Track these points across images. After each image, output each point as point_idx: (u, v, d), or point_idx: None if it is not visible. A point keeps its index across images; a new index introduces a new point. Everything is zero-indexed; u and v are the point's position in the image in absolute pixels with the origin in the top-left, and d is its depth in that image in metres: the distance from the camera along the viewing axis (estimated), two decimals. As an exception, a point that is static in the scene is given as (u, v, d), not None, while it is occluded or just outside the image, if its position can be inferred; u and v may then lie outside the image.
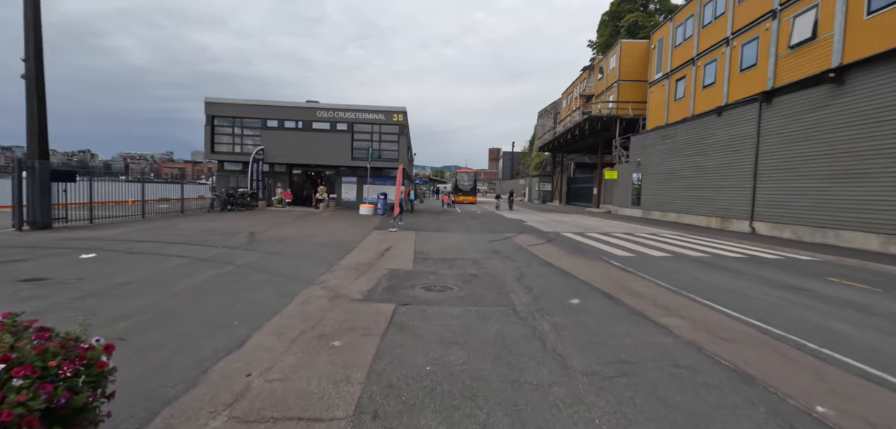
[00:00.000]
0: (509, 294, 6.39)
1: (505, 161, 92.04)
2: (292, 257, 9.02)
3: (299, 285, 6.56)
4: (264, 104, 25.22)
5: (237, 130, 25.69)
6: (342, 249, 10.43)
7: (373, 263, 8.74)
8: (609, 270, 8.62)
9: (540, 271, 8.26)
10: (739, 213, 17.06)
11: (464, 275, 7.73)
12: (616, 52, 31.60)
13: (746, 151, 16.72)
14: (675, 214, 21.35)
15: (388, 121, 25.41)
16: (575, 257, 10.19)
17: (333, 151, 25.38)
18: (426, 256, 9.72)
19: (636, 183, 25.31)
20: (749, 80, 16.71)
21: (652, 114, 24.97)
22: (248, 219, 17.33)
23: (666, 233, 16.46)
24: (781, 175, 15.12)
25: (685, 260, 10.17)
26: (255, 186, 24.39)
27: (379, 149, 25.81)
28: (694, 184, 19.91)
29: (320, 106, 25.39)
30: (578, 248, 11.90)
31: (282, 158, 25.47)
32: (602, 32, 57.53)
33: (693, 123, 20.19)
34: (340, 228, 15.31)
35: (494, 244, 12.24)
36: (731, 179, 17.55)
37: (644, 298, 6.40)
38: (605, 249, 11.76)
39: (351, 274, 7.55)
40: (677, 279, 7.87)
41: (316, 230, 14.17)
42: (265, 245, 10.56)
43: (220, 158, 25.83)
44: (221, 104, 25.09)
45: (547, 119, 65.64)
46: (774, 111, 15.42)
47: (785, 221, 14.87)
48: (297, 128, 25.34)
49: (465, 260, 9.38)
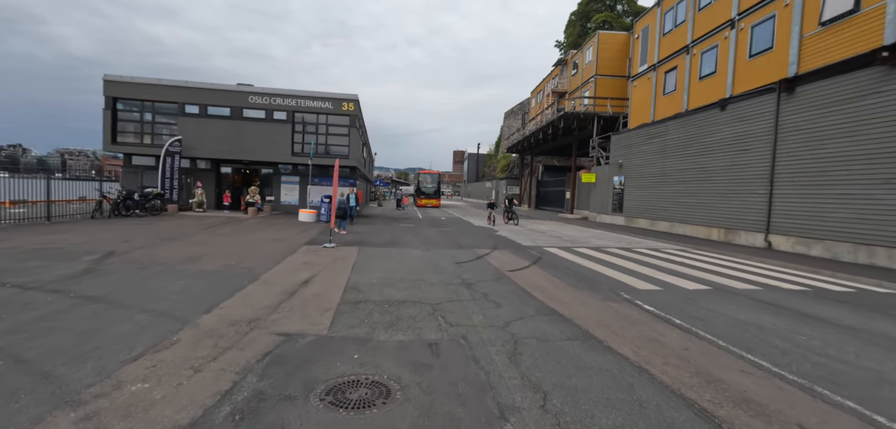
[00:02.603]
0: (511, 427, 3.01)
1: (470, 163, 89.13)
2: (118, 309, 5.21)
3: (33, 411, 2.85)
4: (182, 85, 20.59)
5: (147, 117, 20.88)
6: (233, 282, 6.67)
7: (261, 318, 5.09)
8: (653, 328, 5.47)
9: (547, 336, 4.96)
10: (750, 224, 14.53)
11: (415, 352, 4.29)
12: (593, 45, 29.24)
13: (760, 151, 14.21)
14: (666, 222, 18.83)
15: (336, 110, 21.48)
16: (584, 295, 6.99)
17: (270, 144, 21.13)
18: (360, 298, 6.19)
19: (618, 187, 22.81)
20: (762, 67, 14.23)
21: (635, 110, 22.57)
22: (137, 228, 12.98)
23: (668, 248, 13.74)
24: (808, 179, 12.55)
25: (736, 297, 7.22)
26: (169, 185, 19.74)
27: (325, 143, 21.83)
28: (691, 189, 17.38)
29: (254, 90, 21.08)
30: (579, 275, 8.74)
31: (205, 151, 20.91)
32: (570, 33, 56.07)
33: (687, 120, 17.75)
34: (258, 242, 11.41)
35: (464, 269, 8.86)
36: (740, 184, 15.01)
37: (772, 417, 3.22)
38: (615, 276, 8.67)
39: (196, 354, 3.91)
40: (777, 349, 4.86)
41: (217, 247, 10.21)
42: (104, 278, 6.62)
43: (126, 151, 20.91)
44: (126, 84, 20.20)
45: (514, 120, 63.49)
46: (798, 102, 12.85)
47: (814, 236, 12.26)
48: (224, 116, 20.89)
49: (421, 306, 5.94)
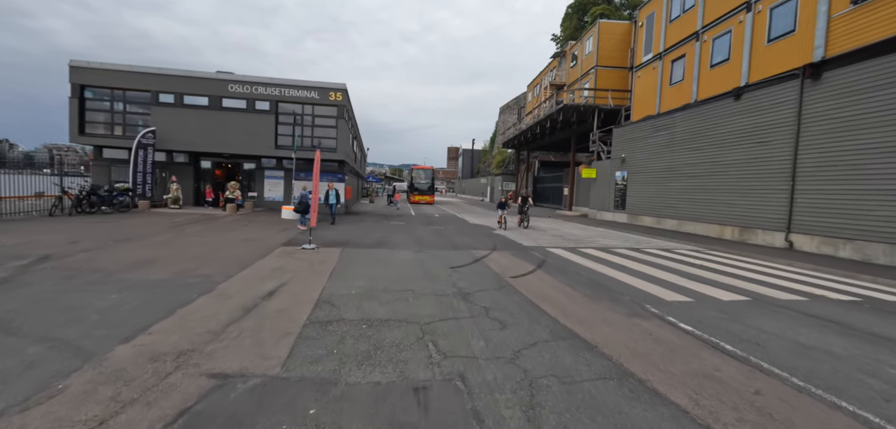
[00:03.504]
0: None
1: (465, 159, 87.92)
2: (10, 337, 3.98)
3: None
4: (155, 72, 19.13)
5: (118, 106, 19.42)
6: (179, 295, 5.45)
7: (196, 350, 3.89)
8: (702, 358, 4.37)
9: (571, 374, 3.83)
10: (769, 222, 13.47)
11: (394, 403, 3.16)
12: (593, 35, 28.08)
13: (780, 143, 13.12)
14: (673, 220, 17.77)
15: (323, 100, 20.16)
16: (603, 308, 5.87)
17: (252, 136, 19.77)
18: (332, 317, 5.00)
19: (620, 183, 21.74)
20: (783, 52, 13.15)
21: (638, 102, 21.48)
22: (93, 228, 11.65)
23: (681, 248, 12.68)
24: (837, 173, 11.46)
25: (782, 312, 6.14)
26: (141, 180, 18.34)
27: (311, 136, 20.51)
28: (701, 185, 16.31)
29: (234, 78, 19.68)
30: (593, 282, 7.61)
31: (182, 144, 19.50)
32: (566, 26, 55.05)
33: (697, 111, 16.66)
34: (228, 243, 10.15)
35: (460, 276, 7.69)
36: (757, 179, 13.94)
37: None
38: (634, 283, 7.56)
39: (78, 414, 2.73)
40: (874, 391, 3.80)
41: (176, 250, 8.95)
42: (17, 291, 5.40)
43: (95, 143, 19.45)
44: (95, 70, 18.71)
45: (509, 115, 62.39)
46: (825, 89, 11.75)
47: (843, 235, 11.23)
48: (202, 106, 19.48)
49: (407, 327, 4.77)
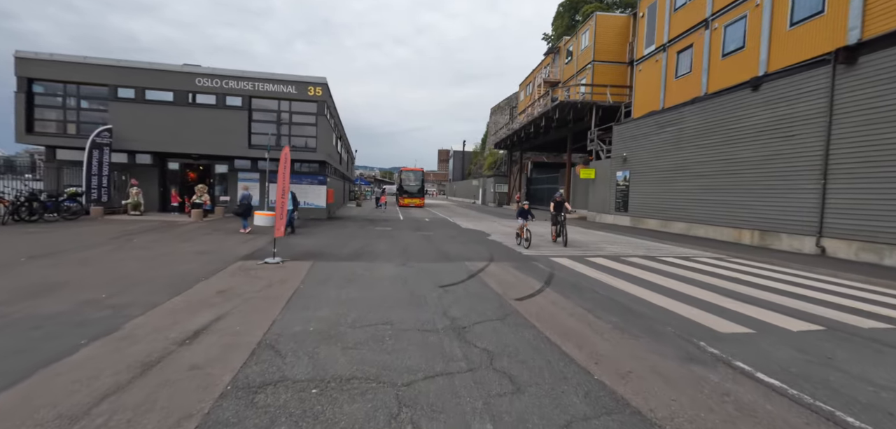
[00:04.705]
0: None
1: (455, 161, 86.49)
2: None
3: None
4: (113, 64, 17.26)
5: (71, 102, 17.50)
6: (59, 340, 3.84)
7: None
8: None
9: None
10: (795, 225, 12.09)
11: None
12: (590, 28, 26.82)
13: (807, 137, 11.77)
14: (682, 223, 16.41)
15: (301, 95, 18.48)
16: (645, 349, 4.41)
17: (222, 135, 18.00)
18: (269, 377, 3.43)
19: (622, 183, 20.40)
20: (809, 36, 11.83)
21: (640, 97, 20.19)
22: (13, 240, 9.86)
23: (701, 256, 11.32)
24: (880, 171, 10.07)
25: (881, 349, 4.74)
26: (96, 182, 16.46)
27: (289, 134, 18.81)
28: (713, 184, 14.97)
29: (202, 71, 17.92)
30: (619, 305, 6.14)
31: (143, 143, 17.65)
32: (557, 25, 54.10)
33: (708, 104, 15.34)
34: (175, 257, 8.47)
35: (452, 299, 6.15)
36: (780, 178, 12.59)
37: None
38: (670, 307, 6.12)
39: None
40: None
41: (102, 269, 7.26)
42: None
43: (46, 143, 17.51)
44: (45, 62, 16.80)
45: (501, 115, 61.13)
46: (862, 75, 10.36)
47: (890, 241, 9.86)
48: (167, 102, 17.66)
49: (376, 395, 3.23)
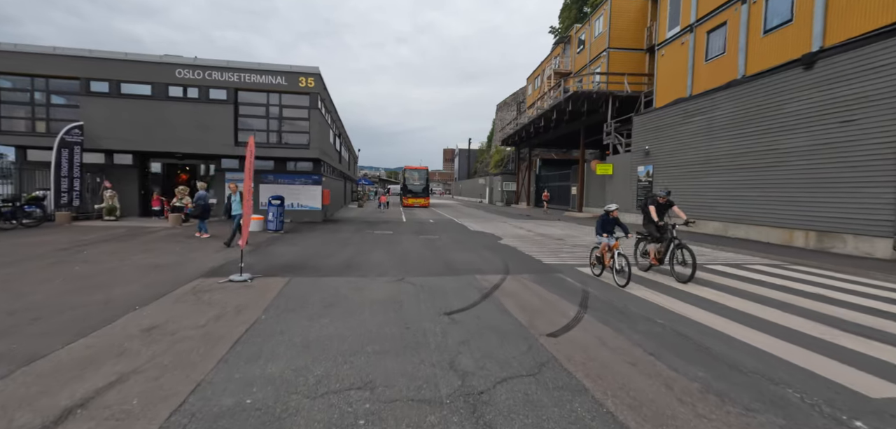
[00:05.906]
0: None
1: (461, 160, 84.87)
2: None
3: None
4: (85, 55, 15.72)
5: (39, 97, 16.01)
6: None
7: None
8: None
9: None
10: (864, 225, 10.28)
11: None
12: (604, 13, 24.98)
13: (877, 121, 9.92)
14: (717, 222, 14.54)
15: (292, 87, 16.85)
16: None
17: (206, 132, 16.42)
18: None
19: (644, 179, 18.56)
20: (878, 2, 10.09)
21: (663, 84, 18.34)
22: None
23: (754, 261, 9.57)
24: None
25: None
26: (66, 185, 14.95)
27: (279, 129, 17.21)
28: (754, 179, 13.07)
29: (182, 62, 16.35)
30: (691, 343, 4.43)
31: (119, 142, 16.10)
32: (565, 17, 52.35)
33: (747, 88, 13.46)
34: (119, 275, 6.84)
35: (460, 334, 4.45)
36: (840, 169, 10.71)
37: None
38: (762, 345, 4.42)
39: None
40: None
41: (8, 295, 5.64)
42: None
43: (14, 142, 16.04)
44: (8, 54, 15.33)
45: (508, 112, 59.31)
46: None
47: None
48: (144, 95, 16.12)
49: None
